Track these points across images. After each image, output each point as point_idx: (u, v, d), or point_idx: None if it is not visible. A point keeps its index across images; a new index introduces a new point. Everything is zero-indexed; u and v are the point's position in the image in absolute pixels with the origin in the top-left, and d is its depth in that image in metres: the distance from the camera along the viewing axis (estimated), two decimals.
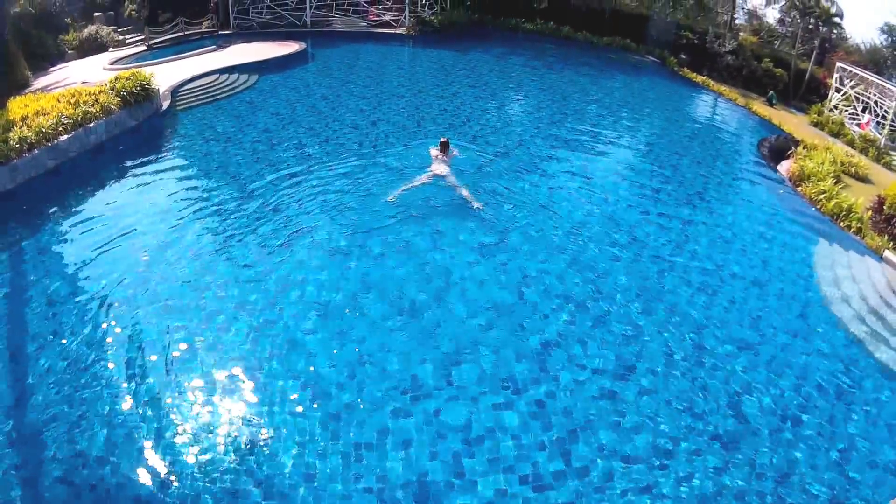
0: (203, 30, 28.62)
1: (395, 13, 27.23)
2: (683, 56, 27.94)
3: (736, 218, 10.86)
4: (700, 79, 25.19)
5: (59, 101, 12.66)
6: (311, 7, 27.38)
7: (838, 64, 26.13)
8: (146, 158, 11.69)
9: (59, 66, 24.72)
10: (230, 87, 16.76)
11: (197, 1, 31.33)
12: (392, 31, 26.50)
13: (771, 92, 26.35)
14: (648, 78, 23.38)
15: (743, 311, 7.94)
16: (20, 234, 8.96)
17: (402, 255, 8.12)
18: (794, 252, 10.01)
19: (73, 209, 9.69)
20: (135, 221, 9.00)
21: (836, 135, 21.53)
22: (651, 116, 17.65)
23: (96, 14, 31.92)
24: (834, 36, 34.42)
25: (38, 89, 18.29)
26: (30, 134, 11.01)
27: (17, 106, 12.62)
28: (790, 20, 34.16)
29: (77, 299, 7.26)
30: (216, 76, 17.39)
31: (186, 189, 10.32)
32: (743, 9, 38.52)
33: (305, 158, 11.26)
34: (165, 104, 14.67)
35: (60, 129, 11.55)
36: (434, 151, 10.86)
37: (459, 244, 8.46)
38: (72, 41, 27.82)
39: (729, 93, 23.69)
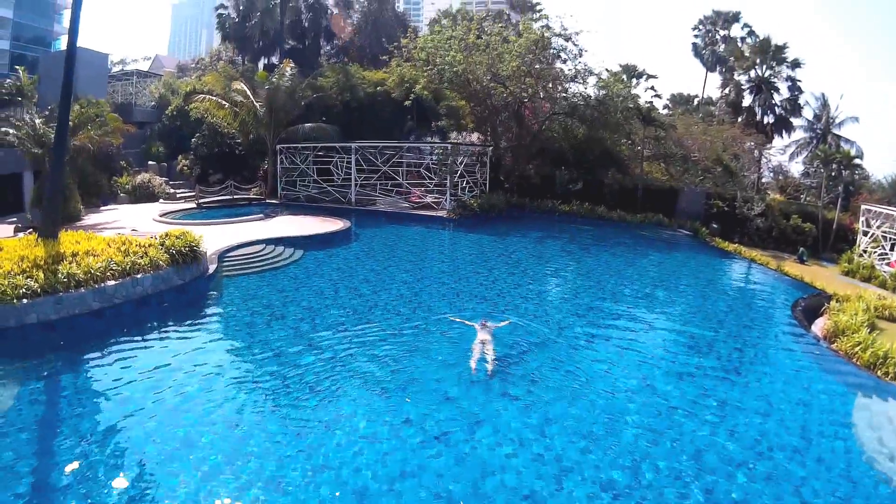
0: (251, 196, 31.57)
1: (437, 196, 30.04)
2: (715, 225, 30.10)
3: (773, 388, 11.29)
4: (732, 247, 26.85)
5: (109, 246, 13.78)
6: (356, 185, 30.52)
7: (863, 206, 27.66)
8: (190, 319, 12.58)
9: (110, 207, 27.17)
10: (275, 259, 18.13)
11: (247, 166, 35.39)
12: (433, 213, 28.88)
13: (801, 249, 27.94)
14: (681, 252, 25.00)
15: (783, 482, 8.10)
16: (56, 367, 9.60)
17: (441, 444, 8.45)
18: (832, 413, 10.44)
19: (112, 354, 10.37)
20: (172, 380, 9.55)
21: (867, 279, 22.50)
22: (686, 294, 18.78)
23: (150, 162, 35.90)
24: (857, 177, 37.08)
25: (89, 225, 20.11)
26: (78, 272, 11.93)
27: (69, 240, 13.78)
28: (814, 170, 37.34)
29: (106, 443, 7.77)
30: (262, 246, 18.88)
31: (227, 357, 10.97)
32: (768, 168, 42.84)
33: (346, 341, 11.99)
34: (212, 268, 15.79)
35: (108, 273, 12.47)
36: (478, 326, 12.24)
37: (497, 434, 8.82)
38: (125, 185, 30.71)
39: (760, 257, 25.10)
